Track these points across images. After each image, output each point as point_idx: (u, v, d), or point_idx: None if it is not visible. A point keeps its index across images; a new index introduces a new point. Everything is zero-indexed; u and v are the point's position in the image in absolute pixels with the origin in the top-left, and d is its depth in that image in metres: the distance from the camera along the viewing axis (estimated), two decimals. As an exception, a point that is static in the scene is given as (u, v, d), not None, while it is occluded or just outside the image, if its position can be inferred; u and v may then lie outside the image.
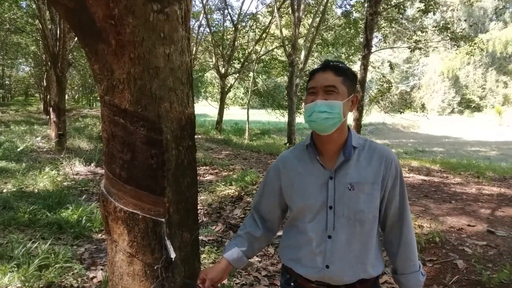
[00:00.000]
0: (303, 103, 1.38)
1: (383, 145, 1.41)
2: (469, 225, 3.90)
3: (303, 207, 1.36)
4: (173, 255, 1.28)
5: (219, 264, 1.45)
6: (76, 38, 10.30)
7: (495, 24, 42.05)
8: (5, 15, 15.28)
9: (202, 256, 3.53)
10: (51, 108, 10.51)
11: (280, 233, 1.62)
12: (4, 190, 5.43)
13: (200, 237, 4.03)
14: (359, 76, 9.54)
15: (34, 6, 11.80)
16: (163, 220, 1.29)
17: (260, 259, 3.63)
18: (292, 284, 1.43)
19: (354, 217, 1.30)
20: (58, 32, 9.29)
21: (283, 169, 1.44)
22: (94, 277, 3.19)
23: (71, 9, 1.18)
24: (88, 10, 1.15)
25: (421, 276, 1.38)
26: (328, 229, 1.31)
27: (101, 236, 4.13)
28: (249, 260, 1.53)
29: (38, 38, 15.59)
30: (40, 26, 10.01)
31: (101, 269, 3.32)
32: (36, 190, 5.50)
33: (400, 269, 1.39)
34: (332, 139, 1.33)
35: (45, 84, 19.74)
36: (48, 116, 15.79)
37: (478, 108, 42.51)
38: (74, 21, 1.22)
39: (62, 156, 7.82)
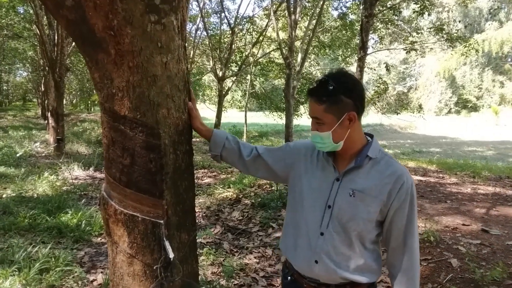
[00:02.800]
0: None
1: (401, 165, 1.38)
2: (463, 225, 3.96)
3: (306, 195, 1.42)
4: (171, 255, 1.33)
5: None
6: (73, 43, 10.37)
7: (490, 24, 42.26)
8: (2, 21, 15.31)
9: (201, 258, 3.58)
10: (49, 113, 10.55)
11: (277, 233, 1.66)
12: (4, 195, 5.47)
13: (199, 239, 4.08)
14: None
15: (31, 11, 11.84)
16: (162, 222, 1.34)
17: (258, 261, 3.67)
18: (289, 278, 1.50)
19: (346, 221, 1.34)
20: (55, 37, 9.35)
21: (304, 155, 1.50)
22: (94, 280, 3.24)
23: (72, 21, 1.23)
24: (88, 22, 1.21)
25: None
26: (322, 226, 1.37)
27: (100, 239, 4.17)
28: (219, 154, 1.57)
29: (36, 43, 15.61)
30: (38, 32, 10.05)
31: (101, 272, 3.36)
32: (35, 195, 5.53)
33: None
34: (340, 151, 1.39)
35: (43, 89, 19.77)
36: (46, 121, 15.81)
37: (475, 108, 42.68)
38: (75, 32, 1.27)
39: (60, 161, 7.86)
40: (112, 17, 1.19)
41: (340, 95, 1.28)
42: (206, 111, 25.45)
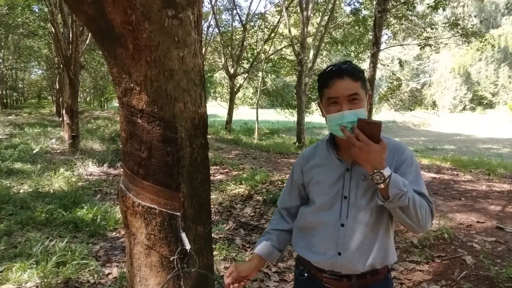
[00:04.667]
0: (323, 111, 1.39)
1: (397, 140, 1.44)
2: (478, 222, 3.91)
3: (316, 196, 1.43)
4: (188, 247, 1.36)
5: (250, 261, 1.50)
6: (88, 41, 10.51)
7: (507, 19, 41.37)
8: (18, 19, 15.58)
9: (214, 253, 3.61)
10: (64, 110, 10.72)
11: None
12: (21, 191, 5.59)
13: (212, 235, 4.11)
14: (368, 74, 9.53)
15: (46, 10, 12.01)
16: (178, 214, 1.37)
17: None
18: (305, 275, 1.48)
19: (366, 206, 1.35)
20: (70, 35, 9.47)
21: (304, 166, 1.51)
22: (109, 273, 3.30)
23: (91, 16, 1.26)
24: (107, 17, 1.23)
25: (402, 182, 1.24)
26: (341, 218, 1.37)
27: (115, 234, 4.24)
28: (281, 253, 1.58)
29: (51, 41, 15.86)
30: (53, 30, 10.21)
31: (116, 266, 3.42)
32: (51, 191, 5.64)
33: None
34: (345, 140, 1.38)
35: (57, 86, 20.11)
36: (61, 118, 16.07)
37: (490, 105, 41.86)
38: (94, 27, 1.30)
39: (75, 157, 7.99)
40: (131, 12, 1.21)
41: (364, 76, 1.36)
42: (217, 108, 25.54)
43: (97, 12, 1.24)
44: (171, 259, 1.38)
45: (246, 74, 19.76)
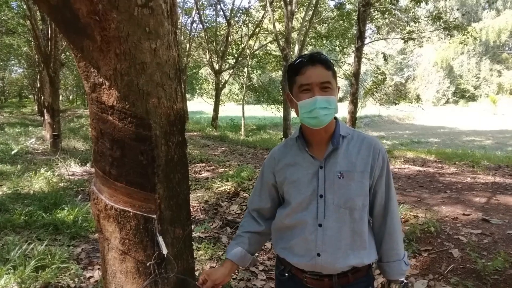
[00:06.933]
0: (293, 101, 1.35)
1: (371, 136, 1.43)
2: (464, 214, 3.92)
3: (292, 196, 1.38)
4: (165, 251, 1.28)
5: (222, 266, 1.46)
6: (67, 38, 10.25)
7: (487, 12, 42.08)
8: (-4, 17, 15.11)
9: (200, 252, 3.54)
10: (45, 109, 10.45)
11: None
12: (-1, 193, 5.41)
13: (197, 234, 4.03)
14: (353, 68, 9.53)
15: (24, 6, 11.67)
16: (154, 216, 1.29)
17: (257, 254, 3.63)
18: (286, 274, 1.44)
19: (344, 205, 1.31)
20: (49, 32, 9.21)
21: (276, 166, 1.45)
22: (91, 276, 3.19)
23: (54, 6, 1.16)
24: (72, 6, 1.14)
25: (404, 265, 1.40)
26: (319, 218, 1.33)
27: (97, 236, 4.12)
28: (253, 256, 1.53)
29: (30, 38, 15.44)
30: (31, 27, 9.92)
31: (98, 269, 3.32)
32: (31, 192, 5.47)
33: (384, 257, 1.42)
34: (322, 130, 1.34)
35: (38, 85, 19.64)
36: (42, 118, 15.70)
37: (472, 98, 42.59)
38: (58, 18, 1.20)
39: (57, 157, 7.78)
40: (97, 1, 1.12)
41: (334, 68, 1.35)
42: (203, 105, 25.37)
43: (60, 1, 1.14)
44: (148, 264, 1.30)
45: (232, 70, 19.64)
